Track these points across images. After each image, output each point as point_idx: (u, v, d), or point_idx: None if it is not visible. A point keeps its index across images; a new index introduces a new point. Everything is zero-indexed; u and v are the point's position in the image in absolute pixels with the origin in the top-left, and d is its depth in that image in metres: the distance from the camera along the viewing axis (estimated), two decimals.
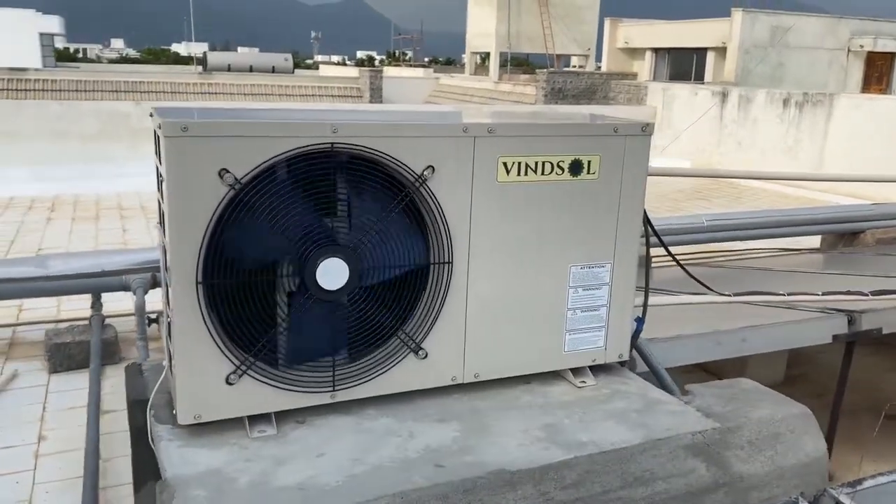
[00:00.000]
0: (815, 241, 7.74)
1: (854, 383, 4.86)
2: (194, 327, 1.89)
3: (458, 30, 35.56)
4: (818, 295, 3.32)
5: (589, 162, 2.25)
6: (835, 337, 3.77)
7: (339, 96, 28.74)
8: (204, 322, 1.89)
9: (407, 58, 55.47)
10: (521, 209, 2.20)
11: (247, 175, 1.86)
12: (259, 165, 1.86)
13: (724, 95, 14.26)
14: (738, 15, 20.89)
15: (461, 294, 2.18)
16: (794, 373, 5.25)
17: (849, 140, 12.01)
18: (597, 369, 2.46)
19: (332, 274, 1.96)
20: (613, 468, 1.95)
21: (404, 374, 2.16)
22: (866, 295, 3.41)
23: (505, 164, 2.15)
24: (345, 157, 1.97)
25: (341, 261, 1.97)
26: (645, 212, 2.49)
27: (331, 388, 2.07)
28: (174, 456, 1.88)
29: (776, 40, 20.28)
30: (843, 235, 7.74)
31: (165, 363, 2.14)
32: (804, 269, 6.26)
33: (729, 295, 2.94)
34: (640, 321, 2.59)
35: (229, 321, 1.92)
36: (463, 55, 36.18)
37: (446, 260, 2.13)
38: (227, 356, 1.95)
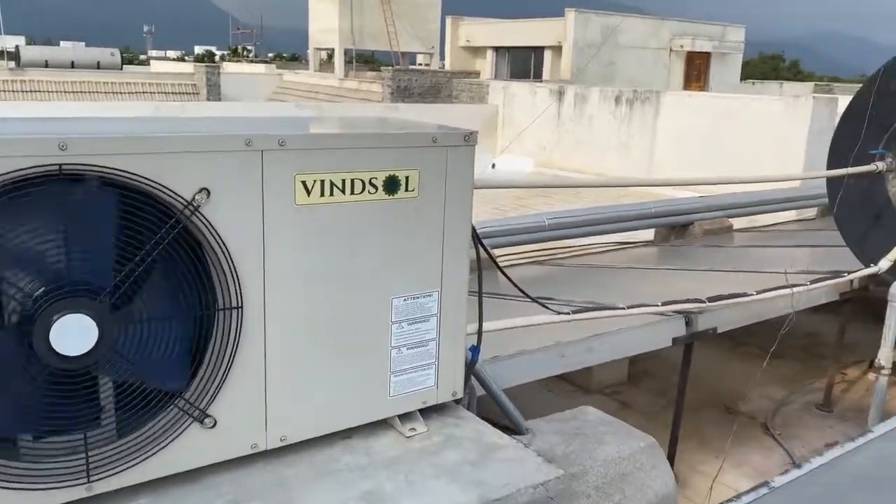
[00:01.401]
0: (649, 233, 7.99)
1: (694, 378, 4.93)
2: None
3: (301, 25, 34.53)
4: (658, 306, 3.22)
5: (407, 178, 1.93)
6: (674, 340, 3.74)
7: (173, 93, 26.98)
8: None
9: (249, 54, 53.27)
10: (327, 236, 1.84)
11: None
12: None
13: (560, 94, 14.64)
14: (571, 15, 21.66)
15: (257, 343, 1.79)
16: (637, 370, 5.28)
17: (675, 135, 12.67)
18: (429, 410, 2.16)
19: (74, 334, 1.51)
20: None
21: (188, 448, 1.73)
22: (703, 302, 3.35)
23: (304, 183, 1.78)
24: (91, 182, 1.52)
25: (87, 317, 1.52)
26: (474, 229, 2.21)
27: (84, 479, 1.61)
28: None
29: (606, 40, 21.24)
30: (675, 228, 8.05)
31: None
32: (642, 266, 6.38)
33: (568, 313, 2.75)
34: (475, 350, 2.32)
35: None
36: (308, 51, 35.21)
37: (234, 305, 1.73)
38: None
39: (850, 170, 3.87)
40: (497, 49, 26.42)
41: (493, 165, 15.63)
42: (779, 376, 5.39)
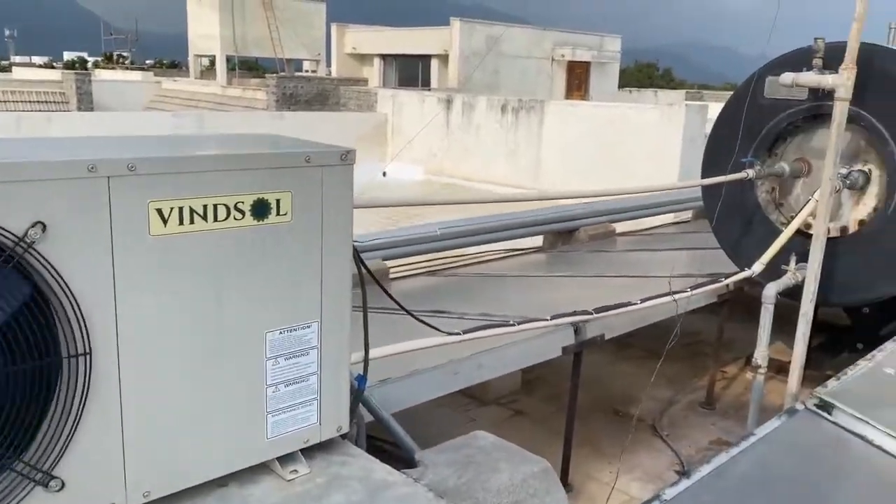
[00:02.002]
0: (538, 239, 8.14)
1: (583, 383, 5.00)
2: None
3: (181, 30, 33.21)
4: (547, 320, 3.21)
5: (278, 201, 1.79)
6: (564, 349, 3.76)
7: (38, 102, 25.22)
8: None
9: (125, 60, 50.55)
10: (190, 268, 1.67)
11: None
12: None
13: (449, 102, 14.73)
14: (456, 24, 21.93)
15: (110, 392, 1.60)
16: (531, 377, 5.30)
17: (560, 143, 13.02)
18: (313, 449, 2.01)
19: None
20: None
21: None
22: (591, 313, 3.37)
23: (160, 211, 1.60)
24: None
25: None
26: (356, 250, 2.09)
27: None
28: None
29: (491, 49, 21.63)
30: (562, 234, 8.23)
31: None
32: (532, 274, 6.45)
33: (459, 333, 2.67)
34: (361, 380, 2.20)
35: None
36: (189, 58, 33.90)
37: (81, 351, 1.53)
38: None
39: (722, 178, 4.03)
40: (384, 57, 26.37)
41: (384, 173, 15.53)
42: (664, 377, 5.55)
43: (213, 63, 32.27)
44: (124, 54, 52.64)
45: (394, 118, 15.66)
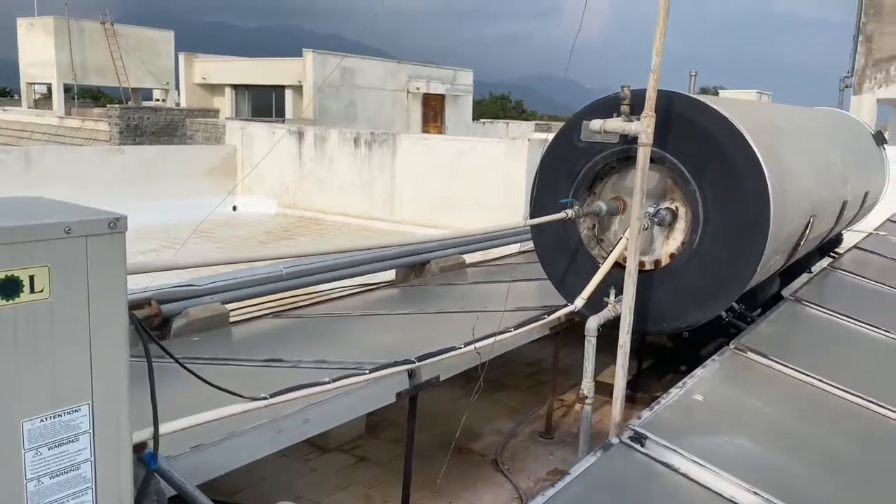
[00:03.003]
0: (391, 273, 8.14)
1: (428, 421, 4.99)
2: None
3: (11, 56, 30.80)
4: (366, 373, 3.16)
5: (31, 277, 1.63)
6: (398, 395, 3.72)
7: None
8: None
9: None
10: None
11: None
12: None
13: (300, 135, 14.53)
14: (309, 56, 21.78)
15: None
16: (376, 420, 5.21)
17: (413, 175, 13.18)
18: None
19: None
20: None
21: None
22: (414, 362, 3.37)
23: None
24: None
25: None
26: (134, 317, 1.95)
27: None
28: None
29: (345, 81, 21.64)
30: (414, 267, 8.28)
31: None
32: (377, 312, 6.41)
33: (266, 397, 2.56)
34: (150, 458, 2.04)
35: None
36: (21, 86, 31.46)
37: None
38: None
39: (543, 219, 4.19)
40: (236, 87, 25.69)
41: (235, 208, 15.04)
42: (507, 409, 5.67)
43: (50, 92, 30.14)
44: None
45: (244, 150, 15.22)
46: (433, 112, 25.56)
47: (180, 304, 5.50)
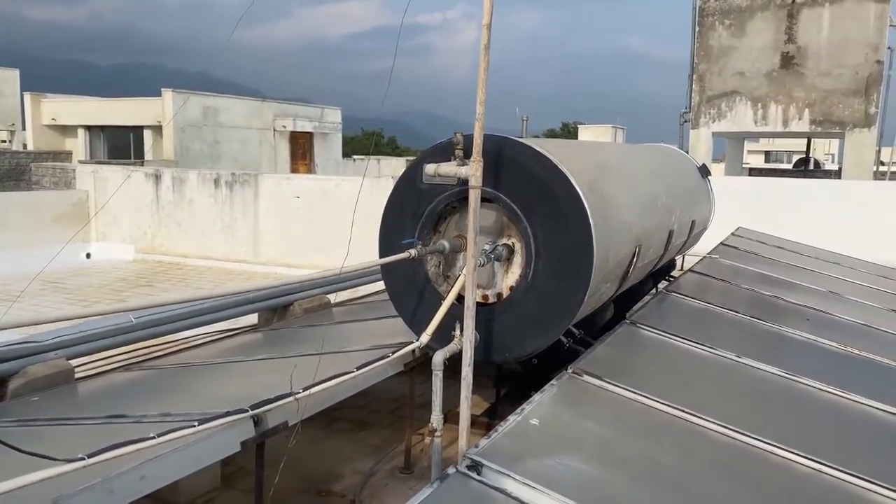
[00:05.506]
0: (254, 316, 8.01)
1: (287, 464, 4.94)
2: None
3: None
4: (195, 426, 3.13)
5: None
6: (243, 443, 3.68)
7: None
8: None
9: None
10: None
11: None
12: None
13: (157, 177, 14.05)
14: (168, 95, 21.13)
15: None
16: (231, 469, 5.11)
17: (276, 216, 13.04)
18: None
19: None
20: None
21: None
22: (247, 411, 3.37)
23: None
24: None
25: None
26: None
27: None
28: None
29: (208, 120, 21.14)
30: (276, 310, 8.19)
31: None
32: (233, 359, 6.29)
33: (83, 458, 2.50)
34: None
35: None
36: None
37: None
38: None
39: (388, 259, 4.34)
40: (90, 128, 24.45)
41: (88, 255, 14.27)
42: (369, 447, 5.72)
43: None
44: None
45: (97, 195, 14.50)
46: (302, 150, 25.42)
47: (19, 363, 5.22)
